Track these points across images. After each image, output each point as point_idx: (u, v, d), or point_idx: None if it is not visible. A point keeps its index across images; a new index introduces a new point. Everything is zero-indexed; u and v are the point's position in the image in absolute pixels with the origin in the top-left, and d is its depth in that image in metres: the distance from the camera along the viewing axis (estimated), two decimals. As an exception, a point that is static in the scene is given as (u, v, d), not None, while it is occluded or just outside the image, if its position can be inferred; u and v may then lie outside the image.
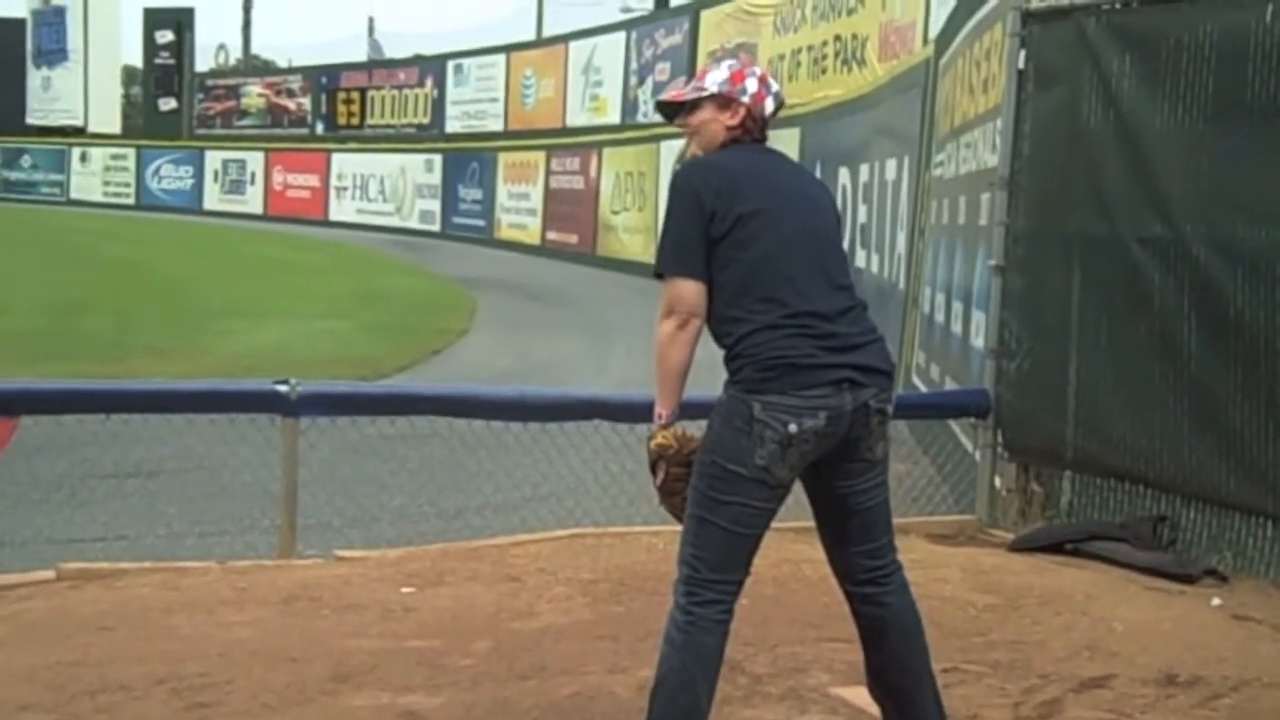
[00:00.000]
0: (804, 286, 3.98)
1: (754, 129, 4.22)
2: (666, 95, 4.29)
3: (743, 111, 4.19)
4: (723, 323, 3.99)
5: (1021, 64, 7.51)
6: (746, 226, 3.98)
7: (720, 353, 4.04)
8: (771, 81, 4.30)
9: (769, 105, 4.24)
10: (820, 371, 3.91)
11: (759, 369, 3.91)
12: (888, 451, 4.13)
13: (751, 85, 4.22)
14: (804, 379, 3.90)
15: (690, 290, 3.99)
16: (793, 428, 3.87)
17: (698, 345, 4.03)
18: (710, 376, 4.09)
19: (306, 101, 49.47)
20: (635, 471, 7.24)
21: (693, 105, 4.22)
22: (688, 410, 4.09)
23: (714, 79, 4.23)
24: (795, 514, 4.20)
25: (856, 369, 3.95)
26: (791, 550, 5.94)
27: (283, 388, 6.72)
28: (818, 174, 20.37)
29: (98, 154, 52.92)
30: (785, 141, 22.51)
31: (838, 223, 4.33)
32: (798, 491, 4.08)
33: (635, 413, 7.06)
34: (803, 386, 3.89)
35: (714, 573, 3.97)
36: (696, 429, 4.09)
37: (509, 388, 8.72)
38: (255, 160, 48.76)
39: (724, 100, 4.19)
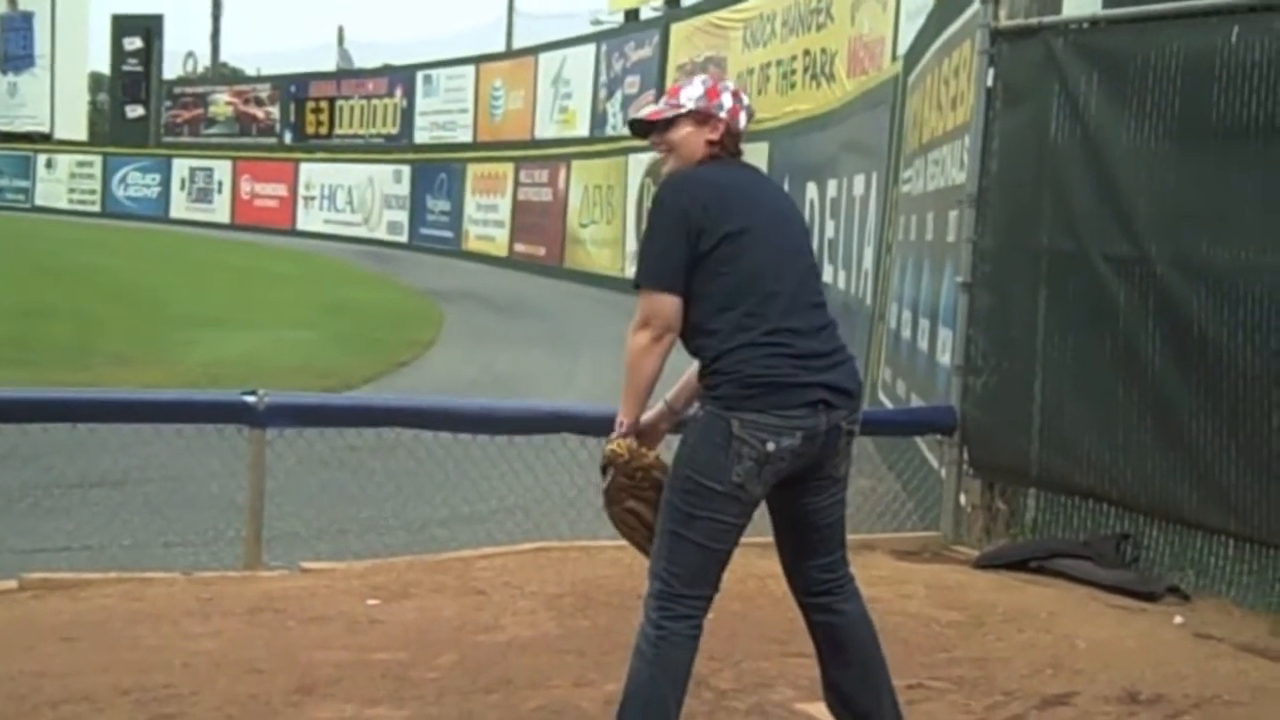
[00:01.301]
0: (785, 304, 4.01)
1: (731, 144, 4.24)
2: (643, 113, 4.29)
3: (722, 127, 4.21)
4: (702, 335, 4.01)
5: (990, 81, 7.55)
6: (734, 243, 4.00)
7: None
8: (743, 95, 4.33)
9: (743, 119, 4.27)
10: (798, 391, 3.94)
11: (739, 386, 3.93)
12: (849, 469, 4.17)
13: (727, 100, 4.24)
14: (783, 398, 3.93)
15: (669, 305, 4.00)
16: (770, 446, 3.90)
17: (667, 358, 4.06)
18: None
19: (275, 110, 49.33)
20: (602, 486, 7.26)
21: (669, 122, 4.24)
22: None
23: (690, 95, 4.24)
24: (762, 530, 4.22)
25: (831, 390, 3.99)
26: (758, 566, 5.93)
27: (250, 398, 6.70)
28: (786, 188, 20.42)
29: (64, 160, 52.67)
30: (754, 155, 22.40)
31: (809, 242, 4.38)
32: (761, 507, 4.10)
33: (602, 426, 6.98)
34: (781, 406, 3.92)
35: (686, 588, 3.99)
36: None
37: (476, 400, 8.74)
38: (223, 169, 48.60)
39: (702, 116, 4.21)
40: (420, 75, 43.33)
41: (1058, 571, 6.78)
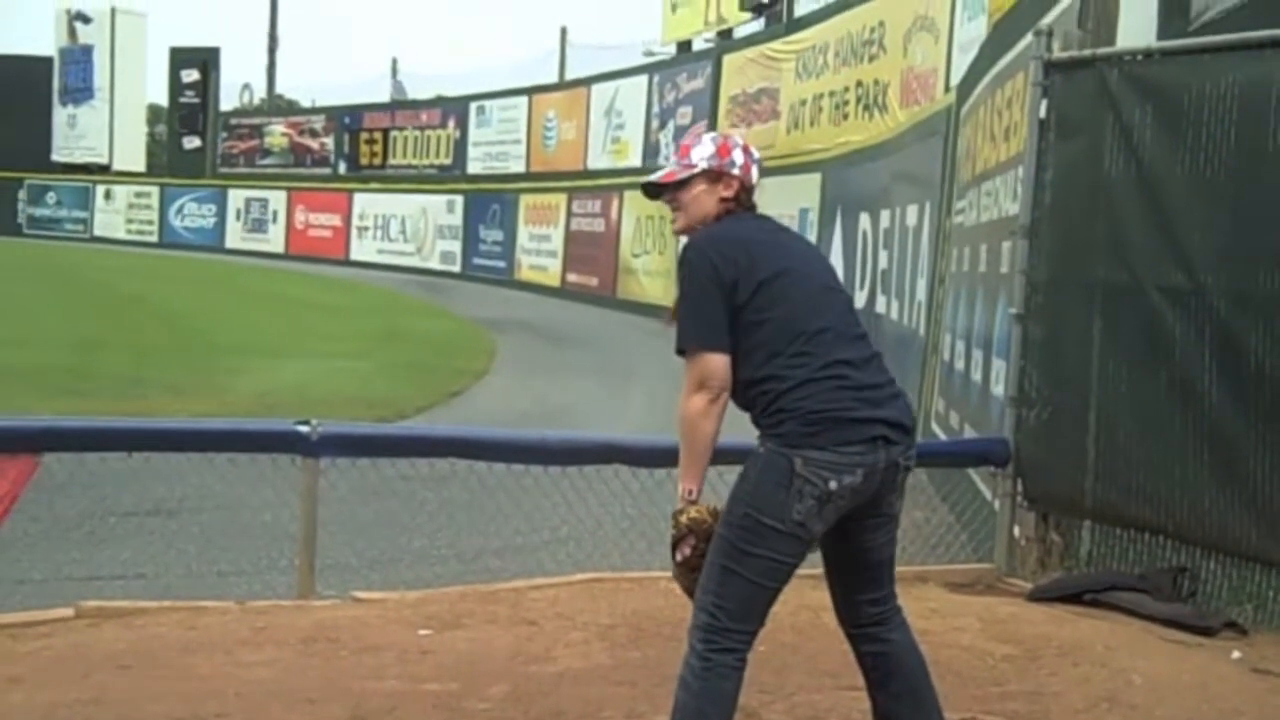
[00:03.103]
0: (832, 338, 4.03)
1: (745, 199, 4.27)
2: (657, 176, 4.32)
3: (736, 184, 4.24)
4: (755, 385, 4.01)
5: (1043, 113, 7.52)
6: (769, 290, 4.01)
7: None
8: (754, 150, 4.36)
9: (755, 174, 4.30)
10: (859, 427, 3.94)
11: (802, 423, 3.92)
12: (902, 505, 4.16)
13: (739, 157, 4.27)
14: (844, 434, 3.92)
15: (720, 364, 4.01)
16: (833, 484, 3.90)
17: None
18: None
19: (329, 141, 49.68)
20: (654, 517, 7.24)
21: (681, 182, 4.26)
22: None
23: (701, 154, 4.27)
24: (815, 561, 4.20)
25: (889, 425, 3.99)
26: (811, 598, 5.91)
27: (304, 428, 6.73)
28: (838, 219, 20.42)
29: (122, 191, 53.22)
30: (806, 186, 22.58)
31: (839, 280, 4.41)
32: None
33: (654, 457, 7.08)
34: (842, 442, 3.92)
35: (734, 622, 3.98)
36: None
37: (529, 431, 8.75)
38: (278, 199, 48.96)
39: (714, 174, 4.25)
40: (473, 106, 43.54)
41: (1113, 605, 6.73)
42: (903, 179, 16.16)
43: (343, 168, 48.74)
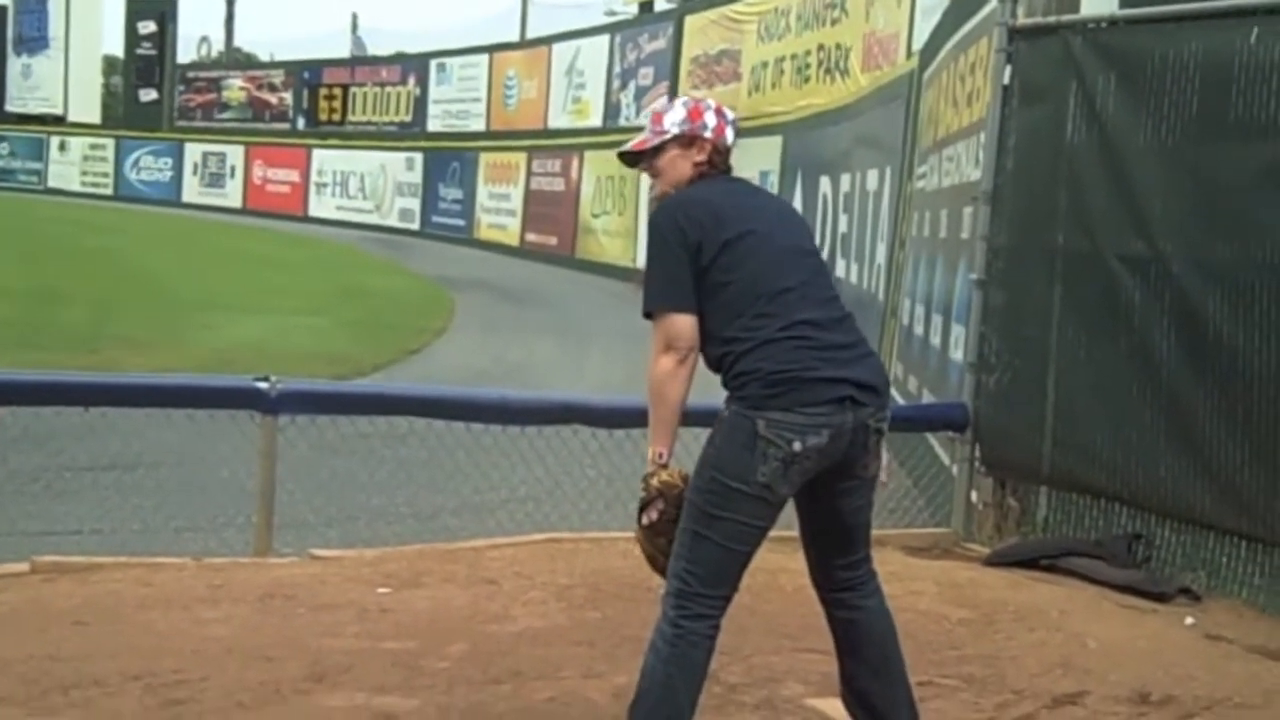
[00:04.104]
0: (796, 299, 4.01)
1: (719, 161, 4.26)
2: (629, 146, 4.32)
3: (708, 147, 4.23)
4: (719, 344, 4.00)
5: (1007, 79, 7.53)
6: (734, 250, 4.00)
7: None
8: (727, 111, 4.35)
9: (729, 135, 4.29)
10: (823, 386, 3.92)
11: (764, 385, 3.91)
12: (879, 470, 4.16)
13: (710, 119, 4.26)
14: (808, 395, 3.91)
15: (686, 324, 4.00)
16: (797, 445, 3.89)
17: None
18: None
19: (288, 96, 49.36)
20: (613, 477, 7.26)
21: (656, 149, 4.25)
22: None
23: (673, 120, 4.26)
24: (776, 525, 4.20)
25: (857, 386, 3.97)
26: (769, 560, 5.90)
27: (263, 385, 6.71)
28: (798, 183, 20.42)
29: (76, 143, 52.74)
30: (767, 149, 22.57)
31: (813, 241, 4.40)
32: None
33: (613, 417, 7.09)
34: (807, 403, 3.91)
35: (705, 588, 3.98)
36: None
37: (489, 390, 8.73)
38: (235, 154, 48.67)
39: (687, 139, 4.24)
40: (434, 64, 43.32)
41: (1069, 570, 6.77)
42: (864, 143, 16.17)
43: (301, 123, 48.45)
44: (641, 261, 29.62)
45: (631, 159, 4.32)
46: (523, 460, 7.46)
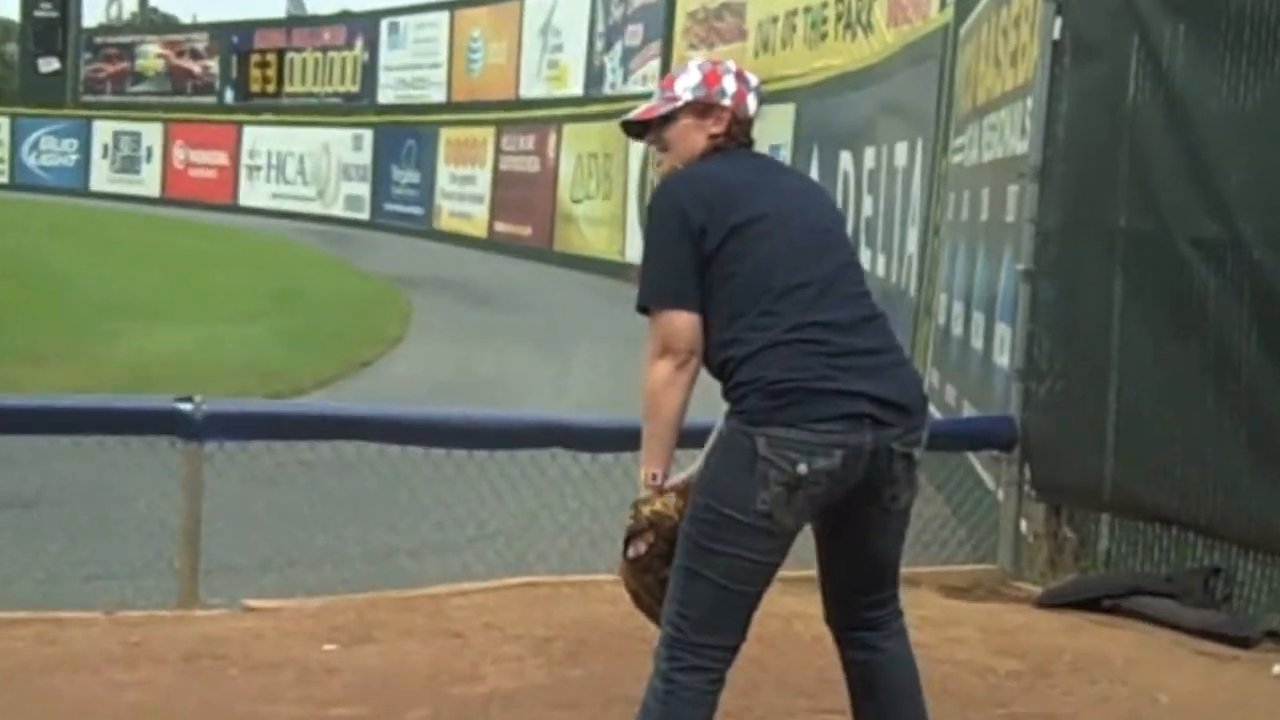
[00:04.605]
0: (811, 295, 3.99)
1: (739, 133, 4.27)
2: (637, 113, 4.32)
3: (726, 116, 4.24)
4: (720, 348, 4.00)
5: (1057, 33, 7.54)
6: (742, 236, 4.00)
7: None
8: (750, 76, 4.34)
9: (752, 104, 4.29)
10: (836, 399, 3.90)
11: (765, 396, 3.90)
12: (912, 501, 4.14)
13: (730, 85, 4.26)
14: (817, 409, 3.89)
15: (686, 324, 4.00)
16: (802, 468, 3.88)
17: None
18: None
19: (214, 65, 49.38)
20: (599, 509, 7.25)
21: (665, 118, 4.25)
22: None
23: (686, 84, 4.27)
24: (786, 562, 4.20)
25: (879, 403, 3.94)
26: (781, 604, 5.93)
27: (185, 406, 6.71)
28: (815, 158, 20.44)
29: (-37, 124, 52.76)
30: (776, 120, 22.56)
31: (844, 228, 4.38)
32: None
33: (600, 439, 7.09)
34: (815, 418, 3.89)
35: (700, 635, 3.97)
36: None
37: (451, 409, 8.73)
38: (152, 133, 48.69)
39: (702, 107, 4.24)
40: (385, 23, 43.35)
41: (1135, 611, 6.77)
42: (891, 111, 16.18)
43: (230, 96, 48.46)
44: (632, 255, 29.52)
45: (637, 129, 4.33)
46: (493, 491, 7.46)
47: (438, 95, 41.03)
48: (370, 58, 43.80)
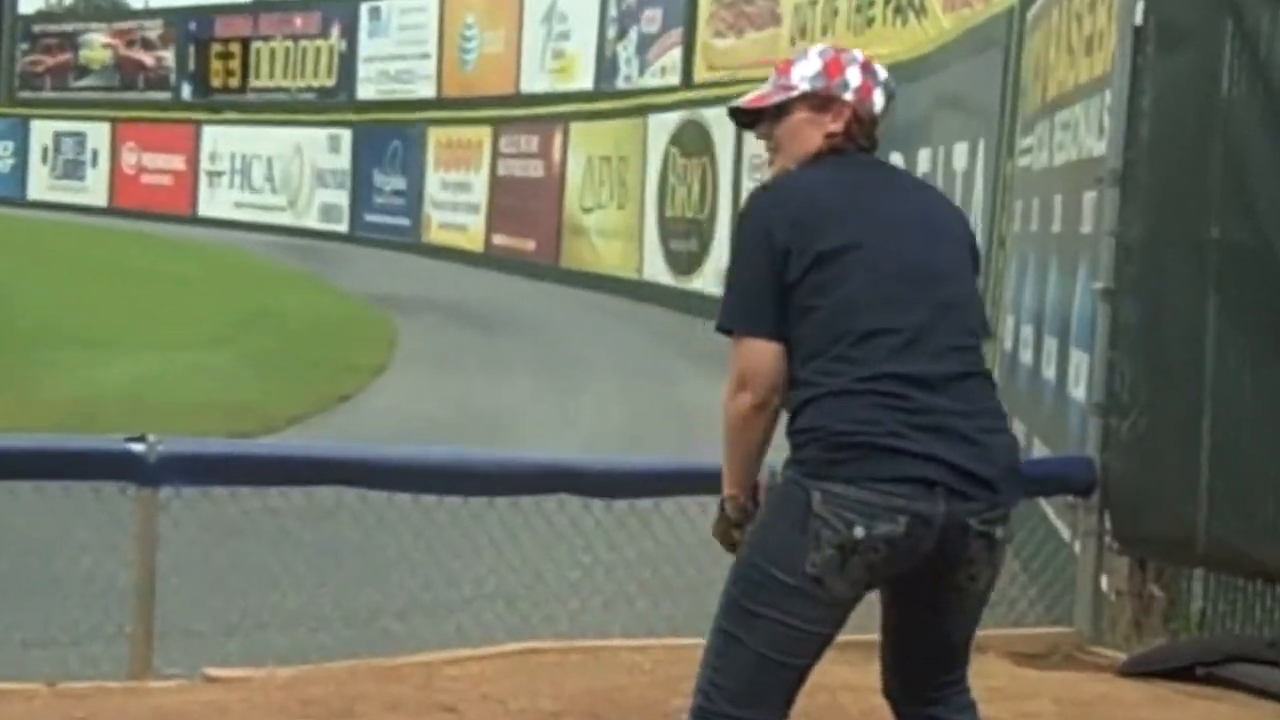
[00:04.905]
0: (896, 344, 4.01)
1: (859, 134, 4.28)
2: (744, 100, 4.35)
3: (847, 112, 4.25)
4: (792, 390, 4.06)
5: (1139, 18, 7.54)
6: (828, 267, 4.02)
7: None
8: (879, 69, 4.34)
9: (878, 101, 4.29)
10: (906, 460, 3.92)
11: (825, 447, 3.92)
12: (994, 582, 4.14)
13: (854, 77, 4.28)
14: (883, 467, 3.90)
15: (767, 356, 4.07)
16: (859, 531, 3.88)
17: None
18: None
19: (169, 56, 49.46)
20: (613, 565, 7.25)
21: (779, 109, 4.26)
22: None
23: (803, 73, 4.29)
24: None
25: (958, 472, 3.95)
26: (829, 674, 5.93)
27: (137, 446, 6.70)
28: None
29: (-117, 123, 52.93)
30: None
31: (974, 260, 4.36)
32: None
33: (613, 485, 7.07)
34: (880, 478, 3.90)
35: (734, 707, 3.98)
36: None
37: (443, 448, 8.72)
38: (99, 134, 48.78)
39: (821, 100, 4.25)
40: (365, 8, 43.38)
41: (1234, 681, 6.75)
42: (948, 107, 16.19)
43: (187, 92, 48.56)
44: (651, 272, 29.67)
45: (747, 118, 4.36)
46: (491, 544, 7.46)
47: (426, 90, 41.06)
48: (348, 47, 43.86)
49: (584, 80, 35.01)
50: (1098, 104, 8.30)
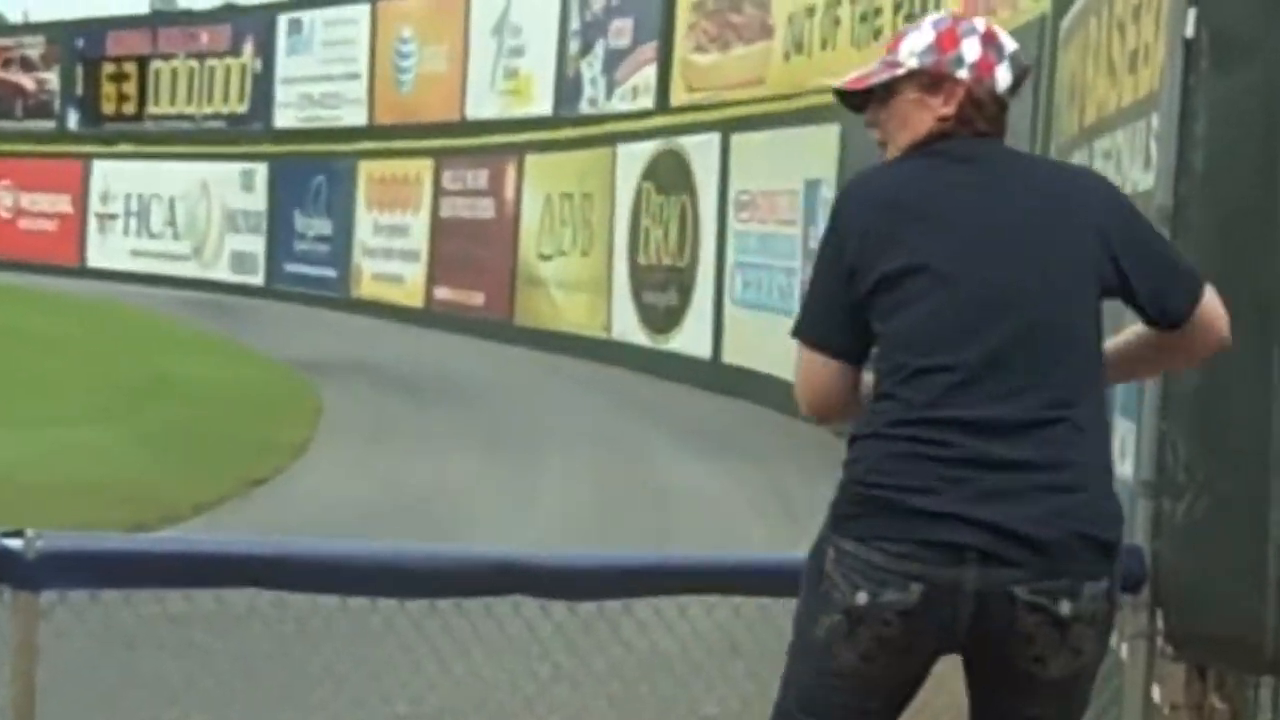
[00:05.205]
0: (950, 382, 4.08)
1: (978, 118, 4.33)
2: (846, 80, 4.39)
3: (960, 92, 4.30)
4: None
5: (1190, 29, 7.57)
6: (894, 289, 4.09)
7: None
8: (1005, 40, 4.41)
9: (1002, 78, 4.34)
10: (927, 520, 3.99)
11: (848, 498, 4.02)
12: (1083, 672, 4.15)
13: (971, 50, 4.32)
14: (899, 526, 3.96)
15: (819, 375, 4.24)
16: (861, 597, 3.95)
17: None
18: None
19: (52, 78, 49.53)
20: (580, 679, 7.23)
21: (887, 89, 4.29)
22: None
23: (911, 47, 4.38)
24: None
25: (1000, 534, 4.00)
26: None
27: (13, 542, 6.68)
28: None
29: None
30: (814, 145, 22.69)
31: (1069, 279, 4.32)
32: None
33: (577, 583, 7.05)
34: (894, 536, 3.95)
35: None
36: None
37: (376, 542, 8.71)
38: (-33, 171, 48.85)
39: (931, 78, 4.30)
40: (283, 20, 43.50)
41: (1311, 811, 6.77)
42: (969, 133, 16.23)
43: (74, 120, 48.58)
44: (619, 330, 29.69)
45: (857, 101, 4.43)
46: (433, 654, 7.44)
47: (355, 117, 41.14)
48: (264, 67, 43.95)
49: (541, 104, 35.09)
50: (1143, 130, 8.33)
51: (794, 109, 23.81)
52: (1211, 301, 4.87)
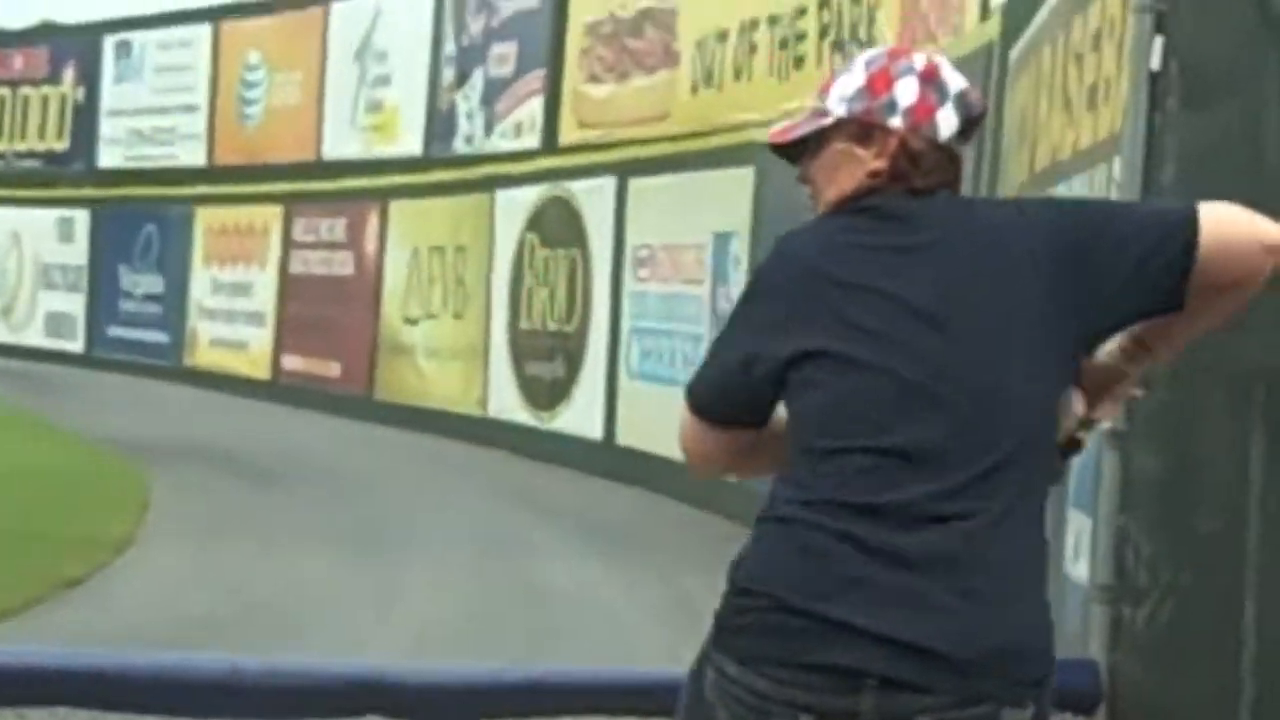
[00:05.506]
0: (865, 463, 4.06)
1: (915, 173, 4.30)
2: (774, 132, 4.40)
3: (893, 143, 4.27)
4: None
5: (1157, 61, 7.63)
6: (804, 367, 4.15)
7: None
8: (947, 78, 4.36)
9: (945, 123, 4.32)
10: (818, 638, 3.97)
11: (731, 604, 4.00)
12: None
13: (906, 93, 4.31)
14: (784, 645, 3.95)
15: (701, 437, 4.30)
16: None
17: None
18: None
19: None
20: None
21: (818, 140, 4.30)
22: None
23: (841, 92, 4.35)
24: None
25: (904, 652, 3.97)
26: None
27: None
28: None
29: None
30: (725, 191, 22.79)
31: (1055, 320, 4.30)
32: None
33: (444, 703, 7.06)
34: (780, 658, 3.94)
35: None
36: None
37: (209, 655, 8.70)
38: None
39: (861, 127, 4.30)
40: (110, 42, 43.47)
41: None
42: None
43: None
44: (497, 406, 29.68)
45: (790, 152, 4.42)
46: (276, 784, 7.44)
47: (193, 156, 41.12)
48: (87, 96, 43.89)
49: (409, 142, 35.12)
50: (1104, 175, 8.39)
51: (702, 150, 23.90)
52: (1220, 231, 4.55)
